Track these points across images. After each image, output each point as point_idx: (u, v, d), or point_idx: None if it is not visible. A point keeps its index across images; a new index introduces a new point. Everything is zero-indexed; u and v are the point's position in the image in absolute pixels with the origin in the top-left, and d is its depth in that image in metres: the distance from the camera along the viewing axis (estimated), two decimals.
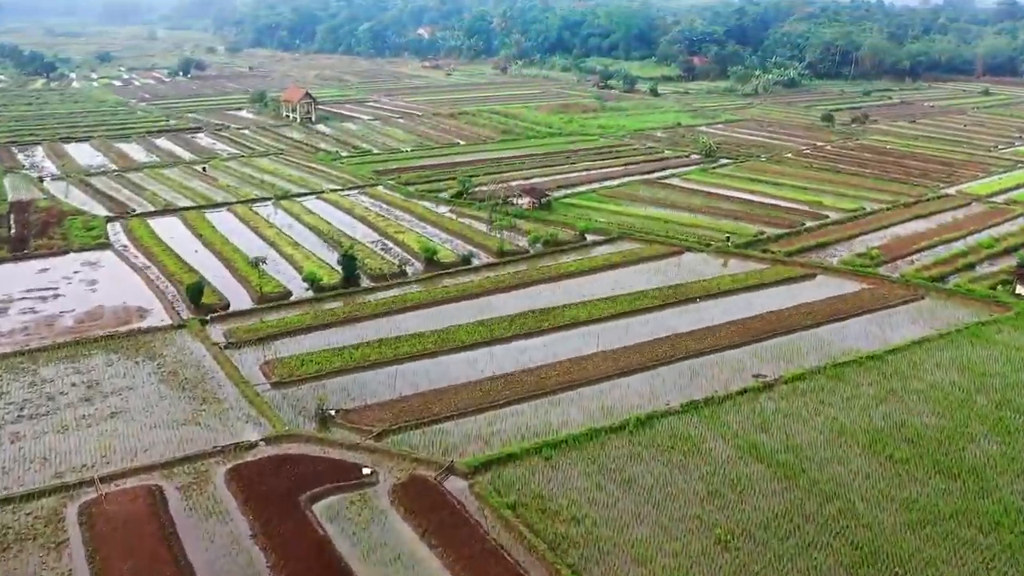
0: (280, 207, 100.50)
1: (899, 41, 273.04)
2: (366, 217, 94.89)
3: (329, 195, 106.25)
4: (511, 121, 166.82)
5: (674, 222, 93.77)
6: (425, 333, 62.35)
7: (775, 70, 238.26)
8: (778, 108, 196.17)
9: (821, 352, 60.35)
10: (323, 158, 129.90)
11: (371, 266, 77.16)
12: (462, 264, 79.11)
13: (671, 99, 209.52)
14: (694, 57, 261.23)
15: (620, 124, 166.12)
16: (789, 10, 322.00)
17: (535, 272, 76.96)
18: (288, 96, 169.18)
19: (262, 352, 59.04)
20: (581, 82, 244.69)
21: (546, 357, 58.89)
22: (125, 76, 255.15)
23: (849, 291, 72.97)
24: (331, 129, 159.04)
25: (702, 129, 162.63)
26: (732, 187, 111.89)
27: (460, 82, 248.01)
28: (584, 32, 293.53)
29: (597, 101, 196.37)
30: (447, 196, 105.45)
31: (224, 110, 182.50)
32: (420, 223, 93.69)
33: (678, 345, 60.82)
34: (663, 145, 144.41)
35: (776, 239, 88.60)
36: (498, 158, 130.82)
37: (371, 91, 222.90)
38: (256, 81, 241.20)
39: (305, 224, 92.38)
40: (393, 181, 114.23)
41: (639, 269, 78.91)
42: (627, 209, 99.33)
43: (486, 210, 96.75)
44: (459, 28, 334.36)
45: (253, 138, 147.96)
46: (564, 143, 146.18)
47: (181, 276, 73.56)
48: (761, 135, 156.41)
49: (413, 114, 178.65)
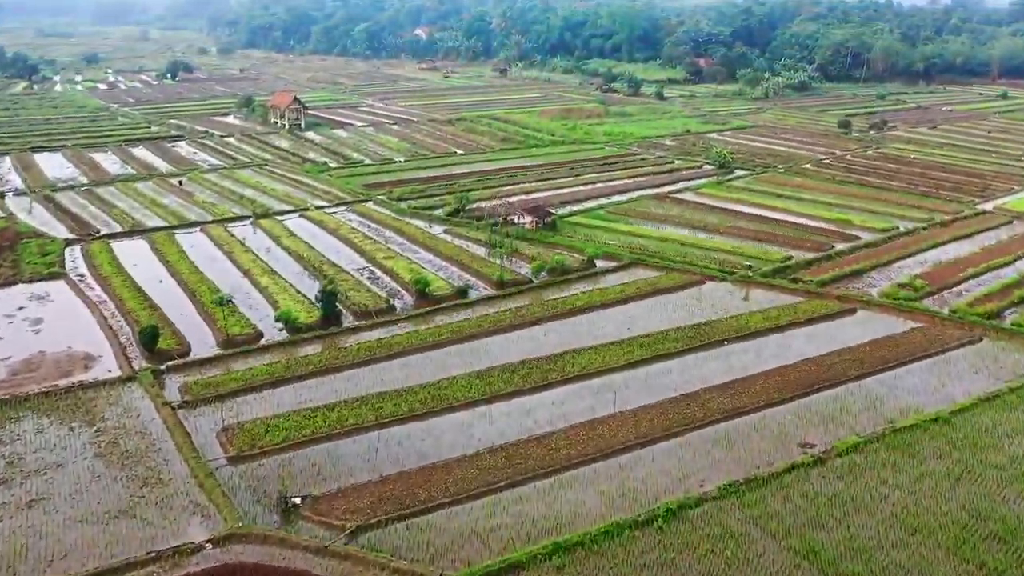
0: (259, 227, 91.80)
1: (911, 42, 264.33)
2: (352, 239, 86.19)
3: (314, 213, 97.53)
4: (511, 128, 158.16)
5: (691, 244, 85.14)
6: (413, 388, 53.70)
7: (784, 73, 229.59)
8: (790, 113, 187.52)
9: (874, 412, 51.70)
10: (310, 170, 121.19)
11: (355, 300, 68.51)
12: (458, 297, 70.44)
13: (678, 103, 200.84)
14: (700, 59, 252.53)
15: (626, 131, 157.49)
16: (796, 10, 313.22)
17: (539, 308, 68.24)
18: (276, 101, 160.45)
19: (221, 414, 50.32)
20: (583, 85, 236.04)
21: (554, 419, 50.27)
22: (111, 79, 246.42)
23: (896, 331, 64.30)
24: (321, 137, 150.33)
25: (712, 136, 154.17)
26: (751, 203, 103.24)
27: (458, 85, 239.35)
28: (586, 33, 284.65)
29: (601, 105, 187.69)
30: (442, 214, 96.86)
31: (210, 116, 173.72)
32: (412, 246, 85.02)
33: (708, 403, 52.16)
34: (673, 154, 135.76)
35: (805, 265, 79.96)
36: (498, 169, 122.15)
37: (366, 94, 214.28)
38: (246, 84, 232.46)
39: (285, 248, 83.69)
40: (384, 196, 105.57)
41: (656, 303, 70.24)
42: (638, 229, 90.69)
43: (484, 231, 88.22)
44: (457, 28, 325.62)
45: (237, 147, 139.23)
46: (568, 152, 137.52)
47: (139, 314, 64.90)
48: (776, 143, 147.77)
49: (408, 120, 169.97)
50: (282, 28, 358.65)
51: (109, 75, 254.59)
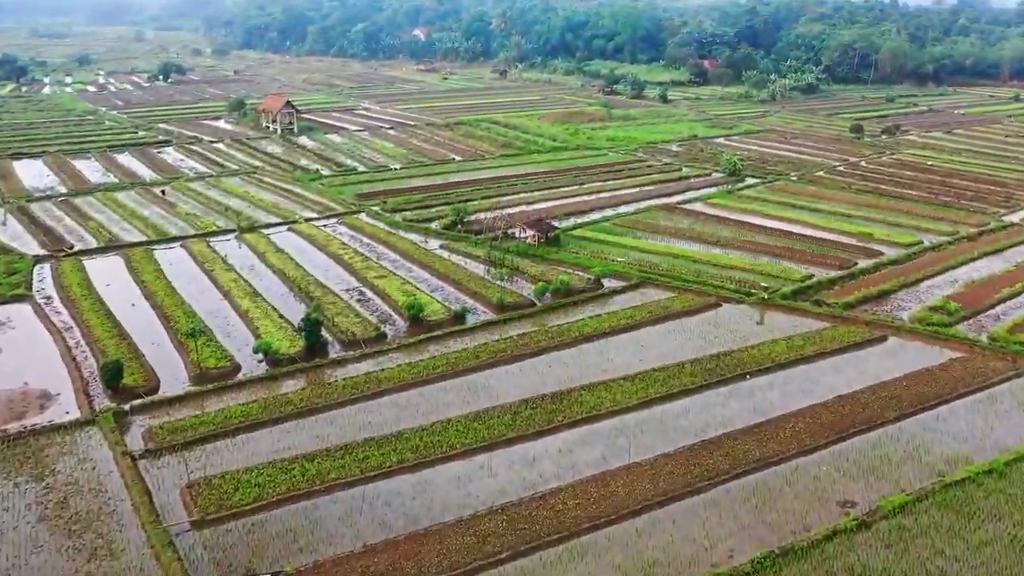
0: (244, 242, 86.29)
1: (920, 43, 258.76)
2: (342, 256, 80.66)
3: (303, 226, 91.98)
4: (511, 132, 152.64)
5: (704, 261, 79.68)
6: (404, 433, 48.21)
7: (791, 74, 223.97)
8: (799, 116, 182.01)
9: (919, 462, 46.22)
10: (301, 178, 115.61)
11: (343, 326, 63.03)
12: (454, 323, 64.95)
13: (683, 106, 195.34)
14: (704, 60, 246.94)
15: (630, 136, 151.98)
16: (800, 10, 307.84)
17: (543, 336, 62.71)
18: (267, 106, 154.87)
19: (187, 466, 44.84)
20: (585, 87, 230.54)
21: (561, 472, 44.79)
22: (102, 80, 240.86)
23: (933, 362, 58.80)
24: (314, 142, 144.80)
25: (720, 142, 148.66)
26: (765, 214, 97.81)
27: (457, 87, 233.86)
28: (588, 33, 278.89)
29: (604, 109, 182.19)
30: (438, 227, 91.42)
31: (200, 120, 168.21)
32: (406, 263, 79.52)
33: (734, 451, 46.64)
34: (680, 161, 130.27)
35: (828, 285, 74.46)
36: (498, 177, 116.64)
37: (362, 97, 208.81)
38: (240, 86, 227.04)
39: (270, 266, 78.18)
40: (378, 207, 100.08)
41: (669, 329, 64.75)
42: (647, 244, 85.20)
43: (483, 246, 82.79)
44: (456, 29, 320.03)
45: (226, 153, 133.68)
46: (570, 159, 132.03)
47: (106, 343, 59.46)
48: (786, 149, 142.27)
49: (405, 124, 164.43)
50: (278, 29, 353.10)
51: (100, 77, 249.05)
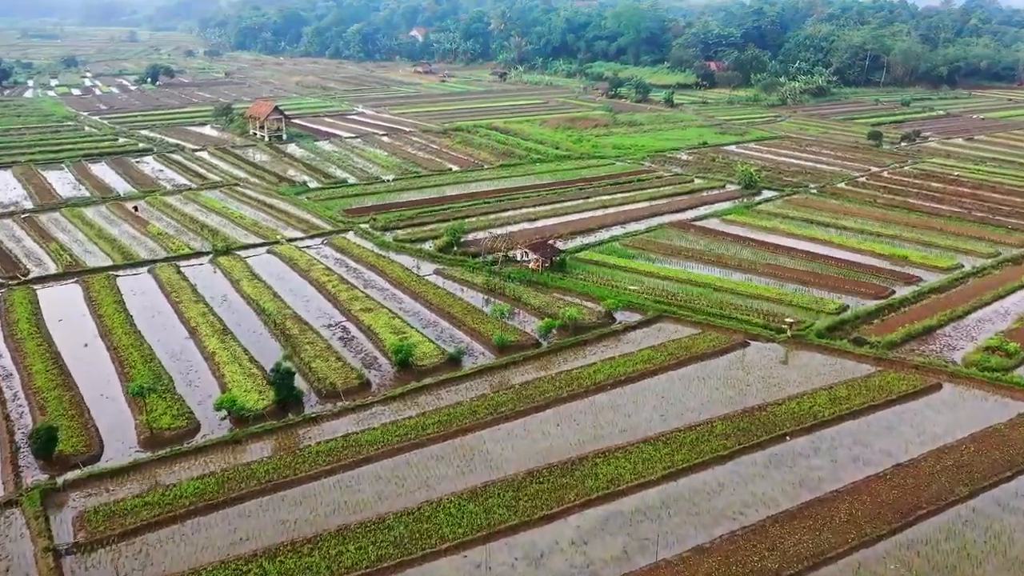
0: (219, 266, 78.49)
1: (932, 45, 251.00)
2: (326, 284, 72.85)
3: (284, 248, 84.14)
4: (512, 140, 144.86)
5: (726, 289, 71.95)
6: (386, 519, 40.38)
7: (802, 77, 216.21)
8: (812, 121, 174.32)
9: (1004, 555, 38.49)
10: (286, 191, 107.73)
11: (321, 372, 55.28)
12: (448, 367, 57.17)
13: (690, 111, 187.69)
14: (710, 63, 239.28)
15: (637, 143, 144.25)
16: (807, 10, 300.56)
17: (550, 385, 54.88)
18: (255, 111, 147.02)
19: (121, 564, 37.08)
20: (588, 90, 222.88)
21: (575, 574, 37.05)
22: (88, 83, 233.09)
23: (1000, 418, 50.97)
24: (303, 150, 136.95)
25: (732, 149, 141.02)
26: (787, 233, 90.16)
27: (455, 90, 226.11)
28: (590, 35, 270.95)
29: (608, 114, 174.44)
30: (433, 248, 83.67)
31: (186, 126, 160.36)
32: (396, 293, 71.75)
33: (781, 542, 38.87)
34: (691, 171, 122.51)
35: (865, 318, 66.71)
36: (497, 191, 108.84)
37: (356, 100, 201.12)
38: (230, 90, 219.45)
39: (244, 295, 70.39)
40: (367, 225, 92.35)
41: (693, 375, 56.98)
42: (661, 269, 77.44)
43: (482, 272, 75.15)
44: (455, 30, 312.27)
45: (209, 163, 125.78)
46: (574, 169, 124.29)
47: (48, 396, 51.72)
48: (803, 157, 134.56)
49: (400, 130, 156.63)
50: (272, 29, 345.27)
51: (86, 80, 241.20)
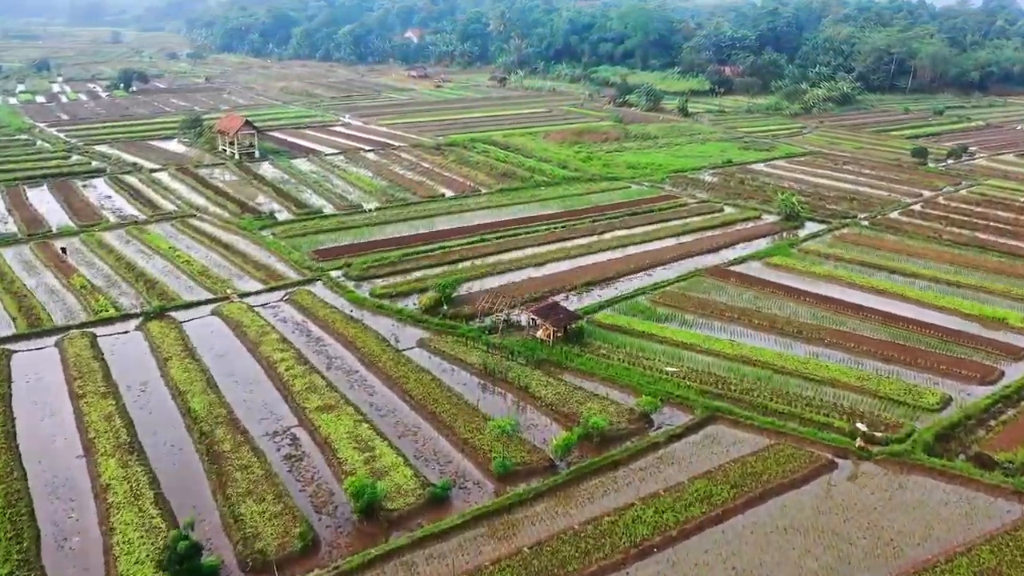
0: (148, 335, 62.55)
1: (960, 48, 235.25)
2: (277, 366, 56.90)
3: (233, 308, 68.06)
4: (513, 157, 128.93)
5: (788, 370, 56.25)
6: None
7: (824, 83, 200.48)
8: (841, 134, 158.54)
9: None
10: (248, 225, 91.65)
11: (249, 525, 39.44)
12: (428, 512, 41.30)
13: (706, 121, 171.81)
14: (725, 67, 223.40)
15: (653, 161, 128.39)
16: (822, 10, 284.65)
17: (571, 546, 38.86)
18: (224, 125, 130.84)
19: None
20: (594, 96, 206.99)
21: None
22: (56, 89, 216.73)
23: None
24: (276, 170, 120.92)
25: (761, 169, 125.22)
26: (847, 282, 74.50)
27: (451, 97, 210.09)
28: (594, 37, 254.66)
29: (619, 125, 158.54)
30: (418, 306, 67.89)
31: (150, 140, 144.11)
32: (367, 377, 55.92)
33: None
34: (718, 196, 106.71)
35: (978, 417, 51.04)
36: (497, 223, 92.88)
37: (344, 108, 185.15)
38: (209, 96, 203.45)
39: (171, 384, 54.42)
40: (340, 271, 76.53)
41: (767, 522, 41.11)
42: (702, 338, 61.62)
43: (477, 347, 59.41)
44: (452, 31, 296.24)
45: (166, 187, 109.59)
46: (584, 193, 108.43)
47: None
48: (841, 178, 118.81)
49: (388, 145, 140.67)
50: (260, 31, 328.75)
51: (56, 85, 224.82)
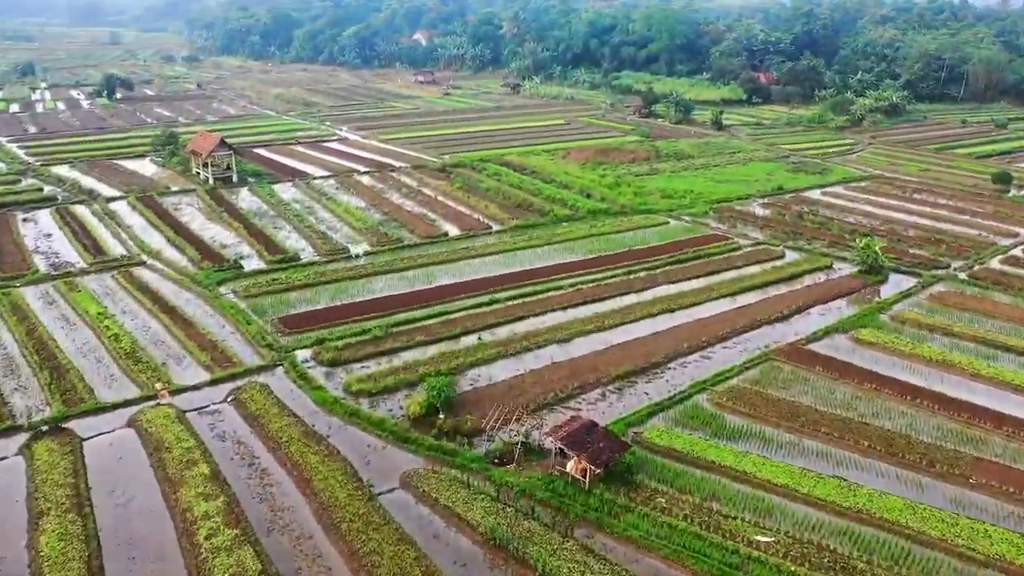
0: (30, 463, 45.46)
1: (1017, 52, 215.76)
2: (197, 527, 39.46)
3: (158, 416, 50.75)
4: (528, 183, 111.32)
5: (932, 542, 38.69)
6: None
7: (870, 92, 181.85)
8: (898, 151, 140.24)
9: None
10: (206, 278, 74.44)
11: None
12: None
13: (743, 135, 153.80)
14: (759, 74, 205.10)
15: (691, 188, 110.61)
16: (857, 12, 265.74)
17: None
18: (196, 145, 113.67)
19: None
20: (616, 106, 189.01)
21: None
22: (35, 96, 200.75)
23: None
24: (254, 199, 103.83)
25: (817, 197, 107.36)
26: (967, 373, 56.99)
27: (459, 106, 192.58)
28: (615, 40, 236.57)
29: (647, 142, 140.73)
30: (406, 411, 50.64)
31: (119, 158, 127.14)
32: (323, 548, 38.52)
33: None
34: (775, 236, 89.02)
35: None
36: (509, 276, 75.34)
37: (341, 119, 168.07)
38: (197, 105, 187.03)
39: (34, 563, 37.26)
40: (310, 353, 59.30)
41: None
42: (796, 475, 44.08)
43: (487, 479, 42.00)
44: (462, 33, 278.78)
45: (120, 222, 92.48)
46: (615, 232, 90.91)
47: None
48: (914, 210, 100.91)
49: (387, 166, 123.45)
50: (261, 32, 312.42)
51: (36, 92, 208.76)
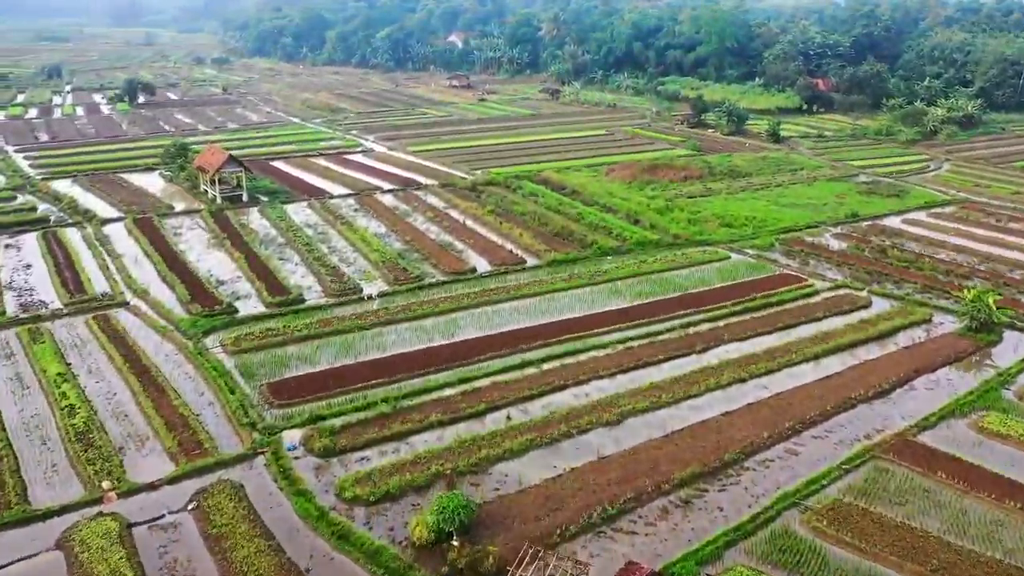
0: None
1: None
2: None
3: (96, 532, 39.35)
4: (567, 206, 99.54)
5: None
6: None
7: (943, 101, 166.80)
8: (981, 170, 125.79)
9: None
10: (192, 326, 63.81)
11: None
12: None
13: (804, 149, 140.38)
14: (817, 80, 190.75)
15: (753, 213, 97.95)
16: (918, 12, 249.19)
17: None
18: (204, 161, 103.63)
19: None
20: (662, 114, 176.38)
21: None
22: (57, 100, 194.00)
23: None
24: (264, 222, 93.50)
25: (898, 226, 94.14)
26: None
27: (495, 114, 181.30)
28: (661, 43, 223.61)
29: (699, 158, 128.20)
30: (414, 536, 39.22)
31: (126, 171, 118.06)
32: None
33: None
34: (857, 277, 76.15)
35: None
36: (545, 328, 63.65)
37: (369, 128, 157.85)
38: (220, 111, 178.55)
39: None
40: (300, 438, 48.18)
41: None
42: None
43: None
44: (499, 35, 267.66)
45: (112, 250, 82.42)
46: (667, 268, 78.66)
47: None
48: (1010, 243, 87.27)
49: (412, 182, 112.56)
50: (293, 33, 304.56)
51: (58, 96, 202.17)
